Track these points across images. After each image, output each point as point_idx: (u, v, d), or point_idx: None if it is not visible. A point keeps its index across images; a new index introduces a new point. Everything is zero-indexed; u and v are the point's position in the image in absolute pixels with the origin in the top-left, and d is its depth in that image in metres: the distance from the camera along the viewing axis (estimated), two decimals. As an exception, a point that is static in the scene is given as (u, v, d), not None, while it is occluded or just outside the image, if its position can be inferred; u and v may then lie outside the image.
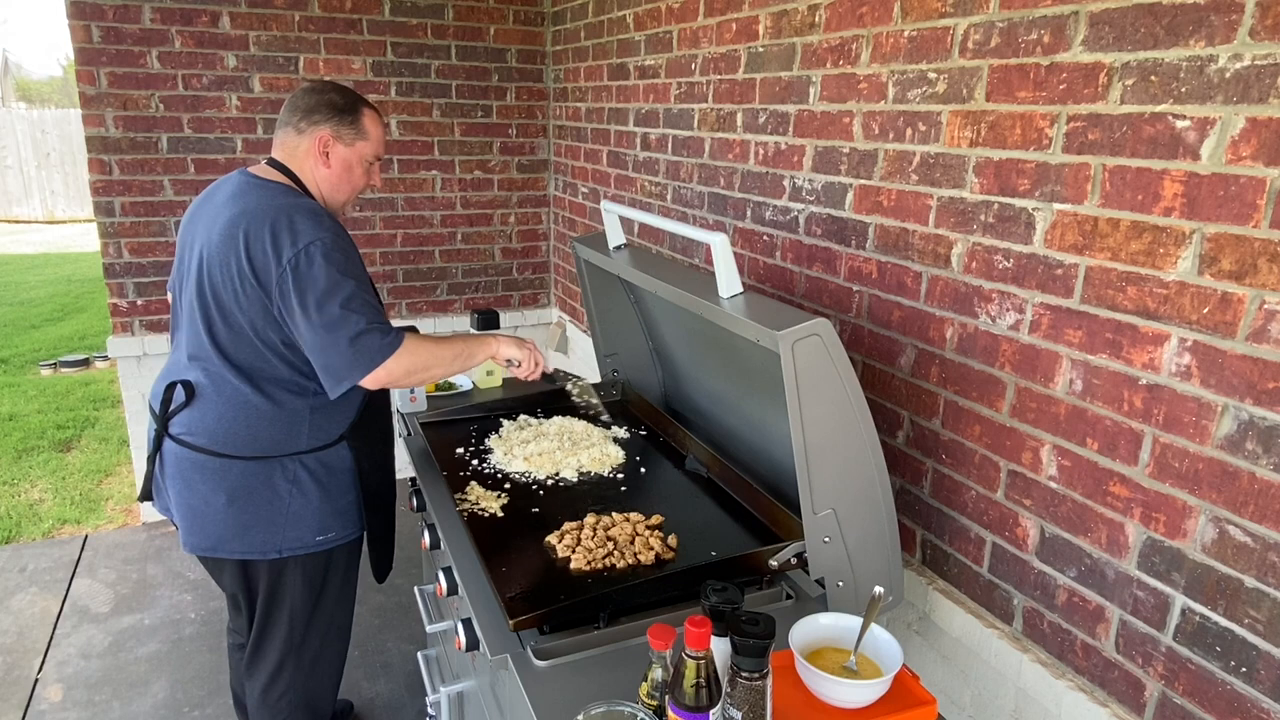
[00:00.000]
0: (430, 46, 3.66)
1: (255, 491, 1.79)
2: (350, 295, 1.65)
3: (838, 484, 1.43)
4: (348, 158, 1.84)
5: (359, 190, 1.92)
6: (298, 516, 1.83)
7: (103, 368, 6.37)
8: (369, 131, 1.85)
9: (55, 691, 2.69)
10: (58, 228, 13.01)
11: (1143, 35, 1.24)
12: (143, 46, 3.26)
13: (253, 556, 1.83)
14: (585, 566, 1.55)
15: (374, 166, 1.92)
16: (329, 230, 1.69)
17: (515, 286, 4.15)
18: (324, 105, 1.80)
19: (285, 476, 1.80)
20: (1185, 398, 1.25)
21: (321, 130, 1.80)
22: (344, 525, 1.92)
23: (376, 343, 1.65)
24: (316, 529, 1.86)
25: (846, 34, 1.84)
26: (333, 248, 1.66)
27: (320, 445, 1.84)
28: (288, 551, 1.84)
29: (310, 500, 1.83)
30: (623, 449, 2.08)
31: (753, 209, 2.27)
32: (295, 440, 1.80)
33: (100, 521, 3.96)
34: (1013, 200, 1.49)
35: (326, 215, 1.73)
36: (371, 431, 1.95)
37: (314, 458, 1.83)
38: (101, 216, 3.39)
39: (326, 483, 1.86)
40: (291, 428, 1.79)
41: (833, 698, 1.20)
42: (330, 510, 1.87)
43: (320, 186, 1.85)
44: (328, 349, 1.65)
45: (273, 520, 1.81)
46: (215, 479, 1.78)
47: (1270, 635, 1.17)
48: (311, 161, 1.82)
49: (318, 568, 1.91)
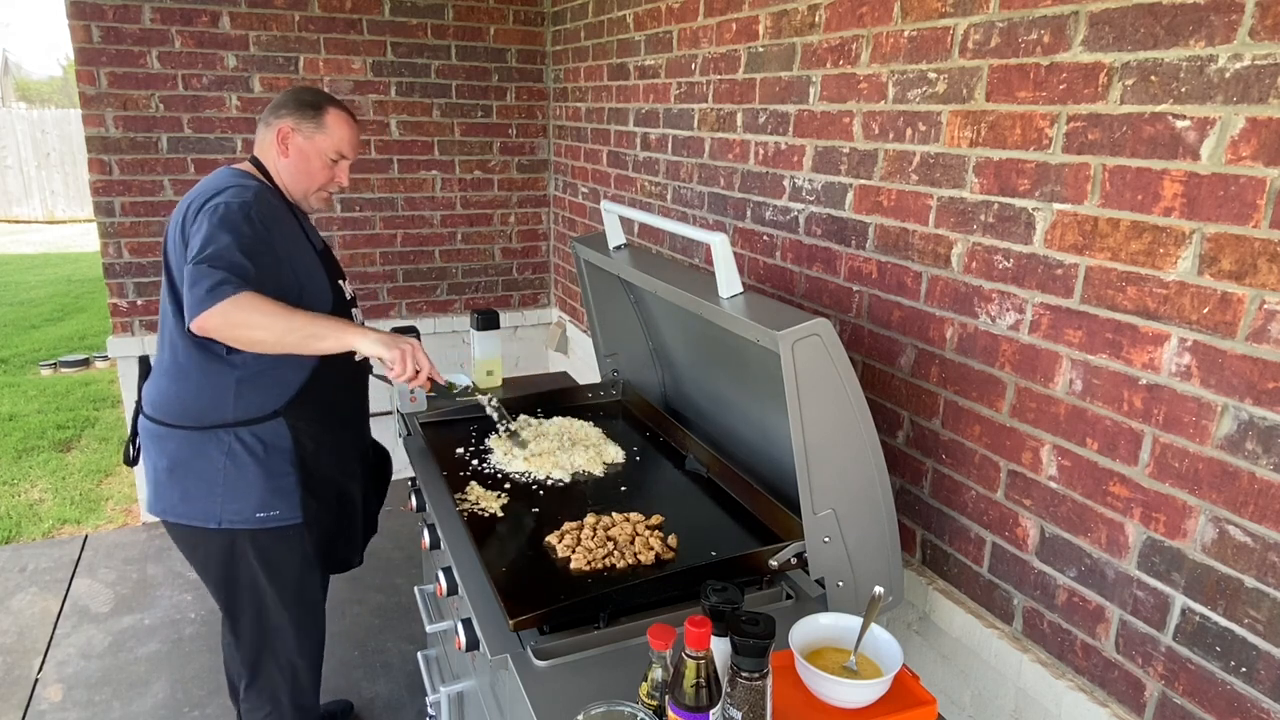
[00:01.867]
0: (430, 46, 3.66)
1: (191, 460, 1.83)
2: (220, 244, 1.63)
3: (838, 484, 1.43)
4: (305, 149, 1.88)
5: (320, 185, 1.93)
6: (234, 489, 1.83)
7: (103, 368, 6.36)
8: (330, 127, 1.89)
9: (55, 691, 2.69)
10: (58, 228, 13.00)
11: (1143, 35, 1.24)
12: (143, 46, 3.26)
13: (194, 523, 1.85)
14: (585, 566, 1.55)
15: (339, 165, 1.93)
16: (246, 196, 1.72)
17: (515, 286, 4.15)
18: (291, 101, 1.89)
19: (219, 448, 1.81)
20: (1185, 398, 1.25)
21: (283, 122, 1.87)
22: (289, 506, 1.88)
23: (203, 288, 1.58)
24: (255, 504, 1.84)
25: (846, 34, 1.84)
26: (235, 207, 1.68)
27: (250, 418, 1.82)
28: (228, 523, 1.83)
29: (245, 474, 1.82)
30: (623, 449, 2.08)
31: (753, 209, 2.27)
32: (221, 410, 1.81)
33: (100, 521, 3.96)
34: (1013, 200, 1.49)
35: (256, 192, 1.76)
36: (317, 410, 1.90)
37: (249, 431, 1.82)
38: (101, 216, 3.39)
39: (264, 459, 1.84)
40: (216, 397, 1.80)
41: (833, 698, 1.20)
42: (271, 488, 1.85)
43: (281, 175, 1.90)
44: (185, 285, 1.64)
45: (210, 490, 1.82)
46: (159, 446, 1.86)
47: (1270, 635, 1.17)
48: (274, 153, 1.89)
49: (269, 545, 1.89)
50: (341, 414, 1.98)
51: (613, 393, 2.43)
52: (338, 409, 1.97)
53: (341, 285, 1.97)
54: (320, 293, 1.88)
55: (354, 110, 3.54)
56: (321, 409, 1.91)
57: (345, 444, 1.99)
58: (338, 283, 1.95)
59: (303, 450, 1.88)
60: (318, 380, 1.89)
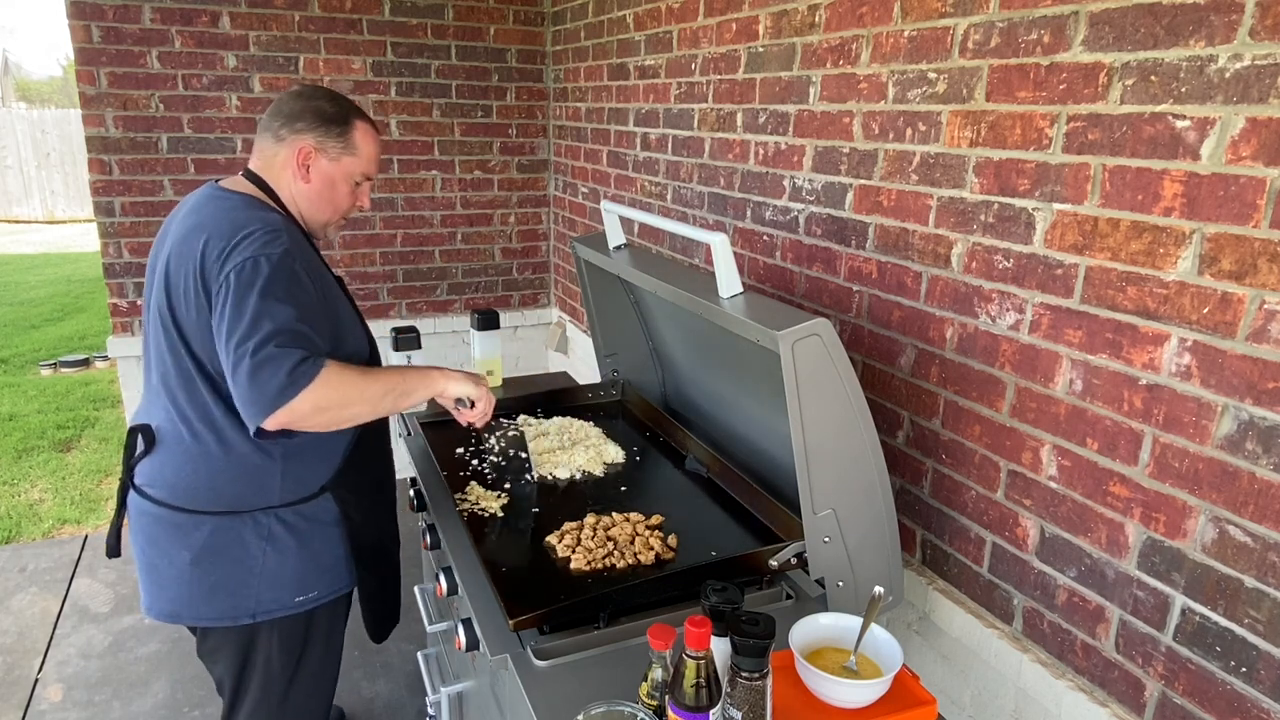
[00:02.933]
0: (430, 46, 3.66)
1: (224, 550, 1.59)
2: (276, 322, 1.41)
3: (838, 484, 1.43)
4: (331, 174, 1.63)
5: (343, 212, 1.70)
6: (273, 576, 1.62)
7: (103, 368, 6.37)
8: (359, 147, 1.64)
9: (55, 691, 2.69)
10: (58, 228, 13.01)
11: (1143, 35, 1.24)
12: (143, 46, 3.26)
13: (222, 623, 1.63)
14: (585, 566, 1.55)
15: (363, 187, 1.71)
16: (282, 242, 1.48)
17: (515, 286, 4.15)
18: (310, 112, 1.60)
19: (258, 533, 1.60)
20: (1185, 398, 1.25)
21: (303, 140, 1.60)
22: (330, 582, 1.71)
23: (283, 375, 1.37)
24: (295, 589, 1.66)
25: (846, 34, 1.84)
26: (277, 262, 1.44)
27: (298, 498, 1.63)
28: (262, 616, 1.64)
29: (287, 558, 1.63)
30: (623, 449, 2.08)
31: (753, 209, 2.27)
32: (266, 494, 1.59)
33: (100, 521, 3.96)
34: (1013, 200, 1.49)
35: (286, 231, 1.51)
36: (362, 479, 1.73)
37: (292, 511, 1.63)
38: (101, 216, 3.39)
39: (308, 537, 1.65)
40: (259, 480, 1.58)
41: (833, 698, 1.20)
42: (312, 568, 1.67)
43: (298, 203, 1.64)
44: (236, 379, 1.40)
45: (245, 581, 1.61)
46: (179, 535, 1.59)
47: (1270, 635, 1.17)
48: (289, 174, 1.62)
49: (295, 632, 1.71)
50: (385, 473, 1.82)
51: (613, 393, 2.43)
52: (382, 470, 1.82)
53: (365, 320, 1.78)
54: (357, 337, 1.67)
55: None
56: (367, 476, 1.75)
57: (387, 505, 1.84)
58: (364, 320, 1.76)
59: (351, 524, 1.70)
60: (362, 445, 1.71)
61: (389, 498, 1.87)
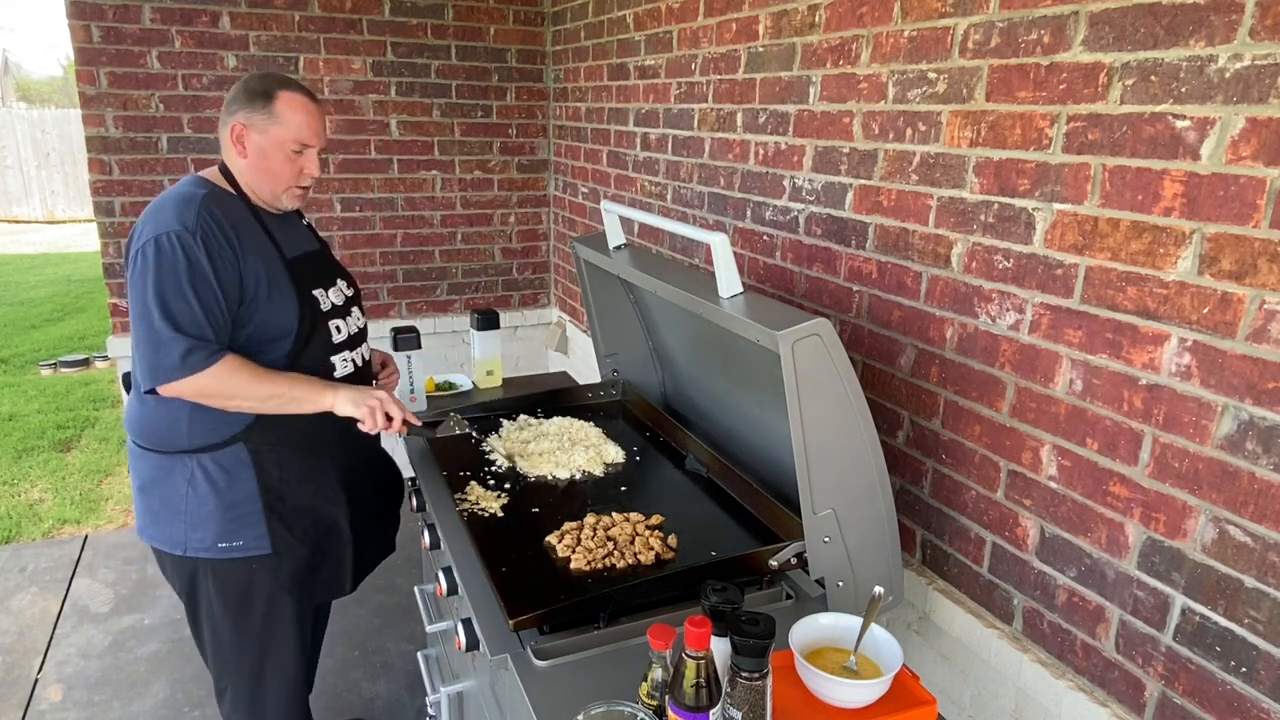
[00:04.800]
0: (430, 46, 3.66)
1: (158, 483, 1.76)
2: (174, 296, 1.58)
3: (838, 484, 1.43)
4: (262, 146, 1.71)
5: (287, 181, 1.76)
6: (195, 517, 1.74)
7: (103, 368, 6.37)
8: (283, 116, 1.70)
9: (55, 691, 2.69)
10: (58, 228, 13.01)
11: (1143, 35, 1.24)
12: (143, 46, 3.26)
13: (162, 547, 1.79)
14: (585, 566, 1.55)
15: (305, 154, 1.75)
16: (189, 222, 1.60)
17: (515, 286, 4.15)
18: (240, 93, 1.71)
19: (183, 474, 1.73)
20: (1185, 398, 1.25)
21: (235, 119, 1.71)
22: (255, 537, 1.76)
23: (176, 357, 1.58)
24: (216, 534, 1.74)
25: (846, 34, 1.84)
26: (177, 243, 1.58)
27: (208, 445, 1.72)
28: (192, 552, 1.75)
29: (205, 503, 1.73)
30: (623, 449, 2.08)
31: (753, 209, 2.27)
32: (176, 436, 1.72)
33: (100, 521, 3.96)
34: (1013, 200, 1.49)
35: (202, 208, 1.63)
36: (283, 434, 1.76)
37: (209, 458, 1.72)
38: (101, 216, 3.39)
39: (225, 488, 1.73)
40: (170, 421, 1.71)
41: (833, 698, 1.20)
42: (233, 517, 1.74)
43: (244, 177, 1.76)
44: (136, 345, 1.63)
45: (173, 517, 1.75)
46: (135, 464, 1.82)
47: (1270, 635, 1.17)
48: (233, 153, 1.74)
49: (232, 579, 1.79)
50: (317, 437, 1.80)
51: (613, 393, 2.43)
52: (311, 432, 1.79)
53: (318, 295, 1.80)
54: (282, 310, 1.72)
55: (347, 105, 3.56)
56: (288, 433, 1.76)
57: (324, 469, 1.84)
58: (312, 293, 1.79)
59: (267, 477, 1.76)
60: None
61: (332, 461, 1.84)
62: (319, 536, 1.84)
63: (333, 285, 1.88)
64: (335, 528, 1.87)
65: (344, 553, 1.90)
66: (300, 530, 1.81)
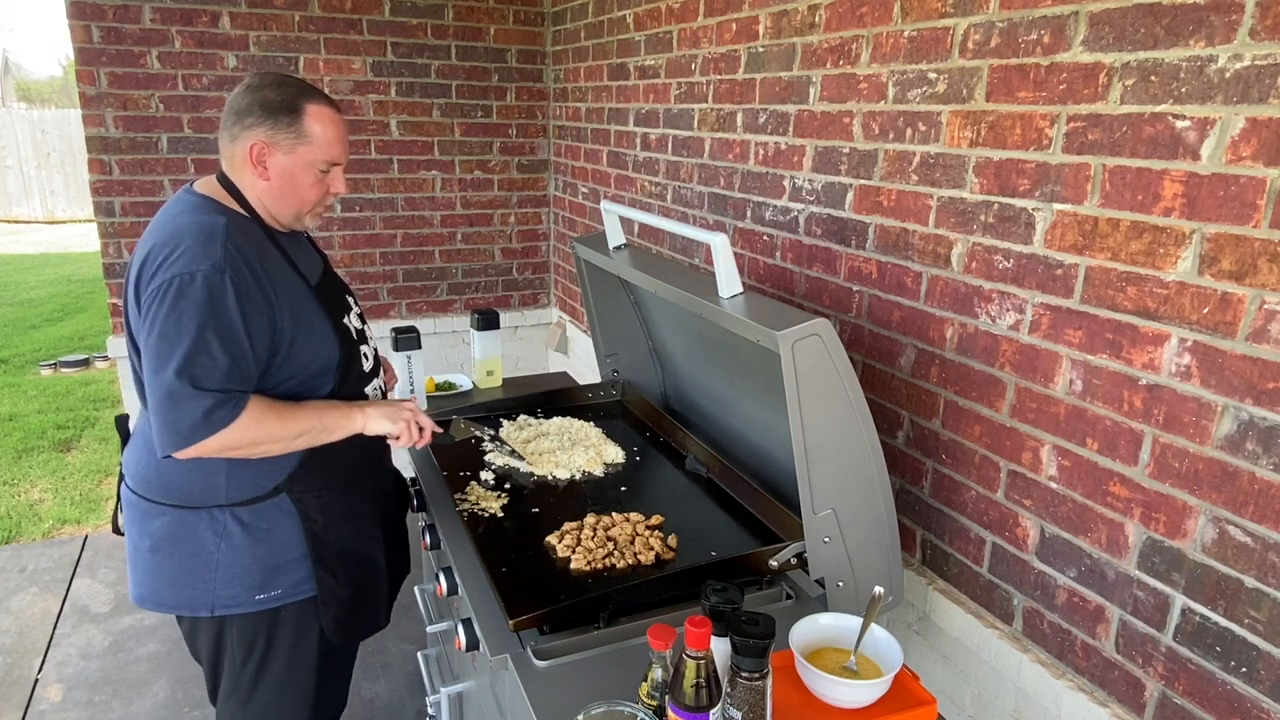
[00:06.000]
0: (430, 46, 3.66)
1: (180, 541, 1.58)
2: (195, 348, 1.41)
3: (838, 484, 1.43)
4: (289, 167, 1.54)
5: (313, 203, 1.61)
6: (229, 572, 1.59)
7: (103, 368, 6.37)
8: (312, 133, 1.54)
9: (55, 691, 2.69)
10: (58, 228, 13.01)
11: (1143, 35, 1.24)
12: (143, 46, 3.26)
13: (182, 613, 1.64)
14: (585, 566, 1.55)
15: (332, 173, 1.60)
16: (215, 259, 1.44)
17: (515, 286, 4.15)
18: (257, 105, 1.52)
19: (214, 529, 1.57)
20: (1185, 398, 1.25)
21: (254, 136, 1.52)
22: (295, 583, 1.66)
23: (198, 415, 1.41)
24: (255, 587, 1.61)
25: (846, 34, 1.84)
26: (203, 285, 1.42)
27: (247, 499, 1.59)
28: (222, 609, 1.61)
29: (242, 556, 1.59)
30: (623, 449, 2.08)
31: (753, 209, 2.27)
32: (212, 492, 1.56)
33: (100, 521, 3.96)
34: (1013, 200, 1.49)
35: (225, 239, 1.47)
36: (326, 480, 1.65)
37: (247, 511, 1.59)
38: (101, 216, 3.39)
39: (267, 536, 1.60)
40: (205, 477, 1.55)
41: (833, 698, 1.20)
42: (272, 567, 1.62)
43: (263, 200, 1.58)
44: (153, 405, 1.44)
45: (201, 575, 1.59)
46: (143, 522, 1.61)
47: (1270, 635, 1.17)
48: (249, 173, 1.55)
49: (258, 631, 1.67)
50: (355, 471, 1.72)
51: (613, 393, 2.43)
52: (350, 468, 1.71)
53: (347, 322, 1.69)
54: (319, 342, 1.60)
55: (347, 105, 3.56)
56: (331, 474, 1.67)
57: (361, 504, 1.75)
58: (342, 321, 1.66)
59: (312, 525, 1.64)
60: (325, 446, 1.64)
61: (367, 494, 1.77)
62: (360, 576, 1.75)
63: (350, 309, 1.75)
64: (373, 565, 1.79)
65: (380, 588, 1.82)
66: (344, 575, 1.71)
